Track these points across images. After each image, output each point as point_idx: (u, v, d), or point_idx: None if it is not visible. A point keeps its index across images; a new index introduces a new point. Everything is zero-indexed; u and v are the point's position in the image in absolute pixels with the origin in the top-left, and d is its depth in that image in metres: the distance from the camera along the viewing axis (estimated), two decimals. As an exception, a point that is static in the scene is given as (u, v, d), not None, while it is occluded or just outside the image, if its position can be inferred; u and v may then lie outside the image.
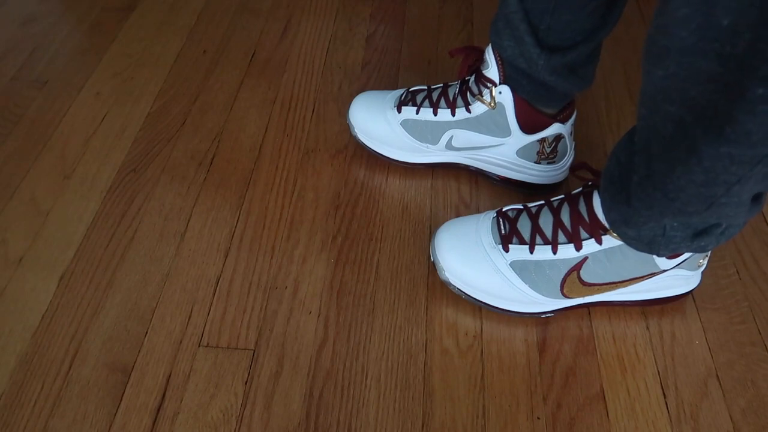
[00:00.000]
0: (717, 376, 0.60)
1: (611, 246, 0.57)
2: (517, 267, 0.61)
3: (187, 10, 1.03)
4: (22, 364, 0.61)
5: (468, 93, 0.70)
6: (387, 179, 0.77)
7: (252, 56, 0.94)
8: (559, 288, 0.60)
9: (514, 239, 0.61)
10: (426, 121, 0.73)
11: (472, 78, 0.70)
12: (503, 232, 0.62)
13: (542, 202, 0.63)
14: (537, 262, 0.60)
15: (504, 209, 0.64)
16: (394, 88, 0.89)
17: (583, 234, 0.58)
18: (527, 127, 0.69)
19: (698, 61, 0.38)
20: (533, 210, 0.62)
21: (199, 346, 0.62)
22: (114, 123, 0.85)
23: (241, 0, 1.04)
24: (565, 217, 0.59)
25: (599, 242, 0.57)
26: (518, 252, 0.61)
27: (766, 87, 0.36)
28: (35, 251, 0.70)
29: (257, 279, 0.68)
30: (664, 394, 0.59)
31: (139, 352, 0.62)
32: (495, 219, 0.63)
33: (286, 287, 0.67)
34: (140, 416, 0.58)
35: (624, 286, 0.61)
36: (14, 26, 1.00)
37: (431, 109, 0.73)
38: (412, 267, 0.69)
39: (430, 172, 0.78)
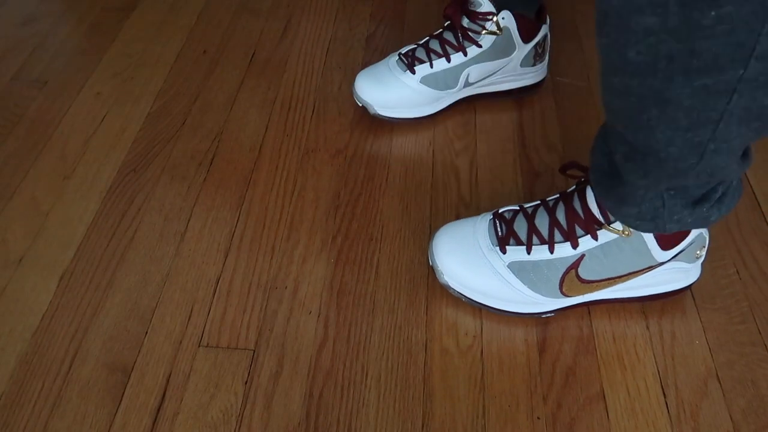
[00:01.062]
0: (717, 376, 0.60)
1: (607, 240, 0.58)
2: (516, 268, 0.61)
3: (187, 10, 1.03)
4: (22, 364, 0.61)
5: (470, 33, 0.79)
6: (387, 179, 0.77)
7: (252, 56, 0.94)
8: (558, 287, 0.60)
9: (511, 240, 0.61)
10: (443, 70, 0.80)
11: (465, 21, 0.79)
12: (500, 233, 0.62)
13: (538, 202, 0.63)
14: (535, 263, 0.60)
15: (500, 210, 0.64)
16: (394, 88, 0.89)
17: (579, 231, 0.59)
18: (526, 38, 0.80)
19: (635, 19, 0.40)
20: (529, 210, 0.63)
21: (199, 346, 0.62)
22: (114, 123, 0.85)
23: (241, 0, 1.04)
24: (561, 215, 0.60)
25: (595, 238, 0.58)
26: (516, 253, 0.61)
27: (718, 7, 0.37)
28: (35, 251, 0.70)
29: (257, 279, 0.68)
30: (664, 394, 0.59)
31: (139, 352, 0.62)
32: (492, 221, 0.64)
33: (286, 287, 0.67)
34: (140, 416, 0.58)
35: (623, 282, 0.61)
36: (14, 26, 1.00)
37: (443, 58, 0.80)
38: (412, 267, 0.69)
39: (430, 173, 0.78)
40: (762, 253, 0.70)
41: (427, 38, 0.82)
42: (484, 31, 0.78)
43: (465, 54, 0.79)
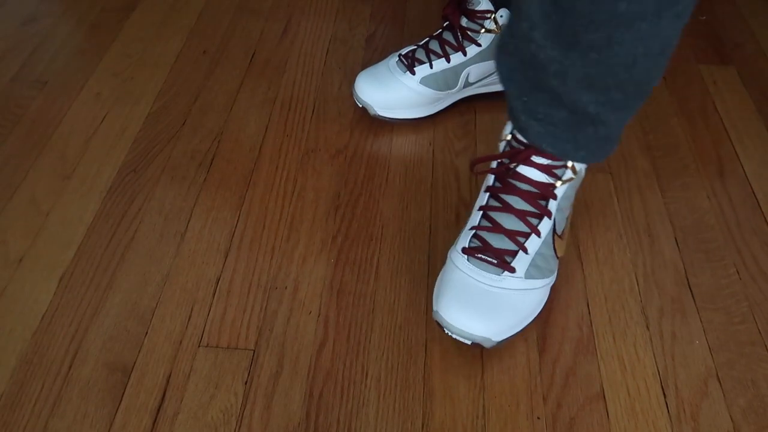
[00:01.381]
0: (717, 376, 0.60)
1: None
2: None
3: (187, 10, 1.03)
4: (22, 364, 0.61)
5: (468, 32, 0.79)
6: (387, 179, 0.77)
7: (252, 56, 0.94)
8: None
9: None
10: (443, 71, 0.80)
11: (464, 20, 0.79)
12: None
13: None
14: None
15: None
16: (394, 88, 0.89)
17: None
18: None
19: None
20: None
21: (199, 346, 0.62)
22: (114, 123, 0.85)
23: (241, 0, 1.05)
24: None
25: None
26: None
27: None
28: (35, 251, 0.70)
29: (257, 279, 0.68)
30: (664, 394, 0.59)
31: (139, 352, 0.62)
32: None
33: (286, 287, 0.67)
34: (140, 416, 0.58)
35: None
36: (14, 26, 1.00)
37: (443, 59, 0.80)
38: (412, 267, 0.69)
39: (430, 173, 0.78)
40: (762, 253, 0.70)
41: (427, 39, 0.82)
42: (482, 30, 0.79)
43: (464, 54, 0.80)
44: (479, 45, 0.79)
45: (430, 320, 0.64)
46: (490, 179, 0.64)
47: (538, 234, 0.61)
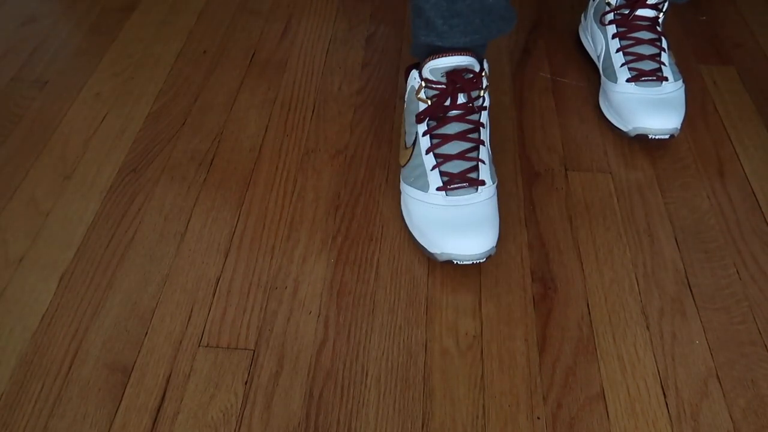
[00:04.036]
0: (717, 376, 0.60)
1: None
2: None
3: (187, 10, 1.03)
4: (22, 364, 0.61)
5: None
6: (387, 179, 0.77)
7: (252, 56, 0.94)
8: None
9: None
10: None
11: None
12: None
13: None
14: None
15: None
16: (394, 88, 0.89)
17: None
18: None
19: None
20: None
21: (199, 346, 0.62)
22: (114, 123, 0.85)
23: (241, 0, 1.05)
24: None
25: None
26: None
27: None
28: (35, 251, 0.70)
29: (257, 279, 0.68)
30: (664, 394, 0.59)
31: (139, 352, 0.62)
32: None
33: (286, 287, 0.67)
34: (140, 416, 0.58)
35: None
36: (14, 26, 1.00)
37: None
38: (412, 267, 0.69)
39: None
40: (762, 253, 0.70)
41: None
42: (482, 92, 0.72)
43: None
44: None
45: (430, 320, 0.64)
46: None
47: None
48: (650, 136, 0.78)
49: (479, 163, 0.69)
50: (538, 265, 0.69)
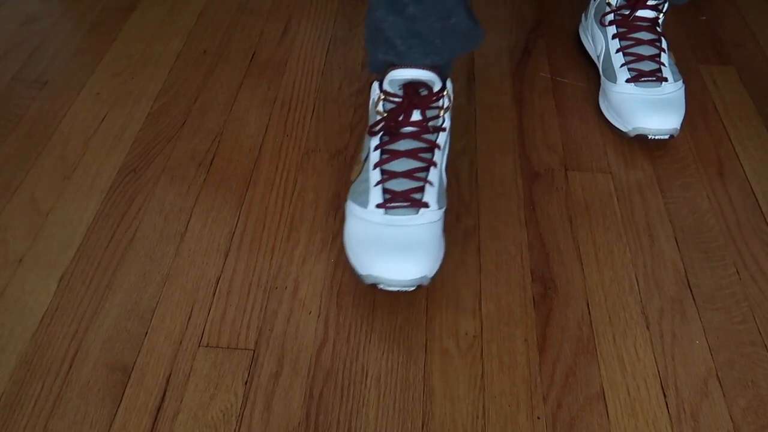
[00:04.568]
0: (717, 376, 0.60)
1: None
2: None
3: (187, 10, 1.03)
4: (22, 364, 0.61)
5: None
6: (387, 179, 0.77)
7: (252, 56, 0.94)
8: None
9: None
10: None
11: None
12: None
13: None
14: None
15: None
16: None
17: None
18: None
19: None
20: None
21: (199, 346, 0.62)
22: (114, 123, 0.85)
23: (241, 0, 1.05)
24: None
25: None
26: None
27: None
28: (35, 251, 0.70)
29: (257, 279, 0.68)
30: (664, 394, 0.59)
31: (139, 352, 0.62)
32: None
33: (286, 287, 0.67)
34: (140, 416, 0.58)
35: None
36: (14, 26, 1.00)
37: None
38: (412, 267, 0.69)
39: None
40: (762, 253, 0.70)
41: None
42: (441, 112, 0.70)
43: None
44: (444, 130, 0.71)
45: (430, 320, 0.64)
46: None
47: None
48: (650, 137, 0.78)
49: (426, 184, 0.65)
50: (538, 265, 0.69)
